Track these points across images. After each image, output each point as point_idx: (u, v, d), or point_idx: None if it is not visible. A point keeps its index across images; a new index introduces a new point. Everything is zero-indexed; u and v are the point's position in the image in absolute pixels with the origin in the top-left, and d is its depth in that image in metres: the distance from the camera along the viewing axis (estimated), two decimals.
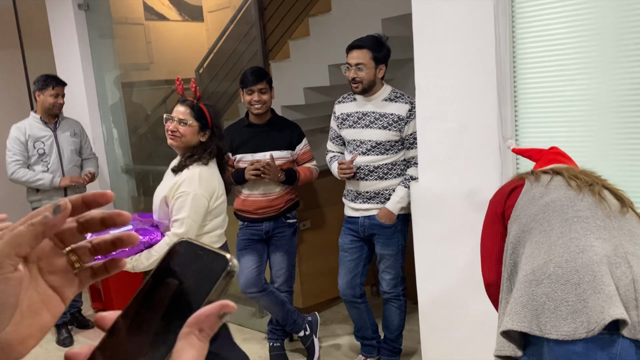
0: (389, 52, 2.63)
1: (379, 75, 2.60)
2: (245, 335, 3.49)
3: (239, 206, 2.95)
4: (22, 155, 3.45)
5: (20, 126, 3.49)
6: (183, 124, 2.18)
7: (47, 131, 3.51)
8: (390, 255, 2.74)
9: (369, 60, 2.56)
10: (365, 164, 2.65)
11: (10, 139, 3.46)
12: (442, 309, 2.53)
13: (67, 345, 3.54)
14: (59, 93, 3.48)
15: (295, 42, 4.64)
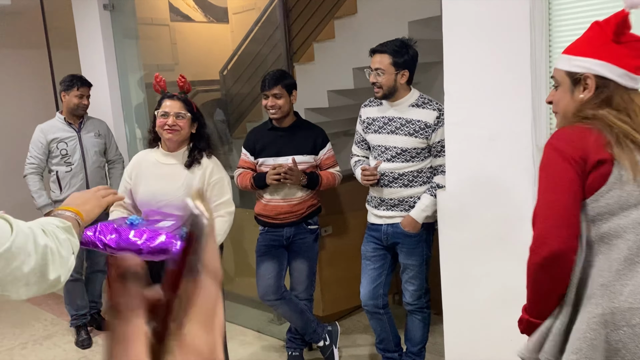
0: (415, 57, 2.53)
1: (401, 81, 2.50)
2: (263, 343, 3.43)
3: (260, 211, 2.89)
4: (38, 159, 3.45)
5: (43, 127, 3.50)
6: (180, 117, 2.30)
7: (71, 132, 3.50)
8: (414, 265, 2.64)
9: (388, 66, 2.48)
10: (390, 171, 2.57)
11: (33, 140, 3.48)
12: (467, 323, 2.43)
13: (85, 347, 3.52)
14: (83, 94, 3.48)
15: (320, 45, 4.58)
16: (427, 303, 2.73)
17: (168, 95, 2.35)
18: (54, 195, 3.51)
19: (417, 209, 2.55)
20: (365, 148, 2.74)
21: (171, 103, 2.32)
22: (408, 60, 2.50)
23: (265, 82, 2.73)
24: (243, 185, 2.84)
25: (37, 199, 3.44)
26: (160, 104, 2.35)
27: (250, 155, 2.86)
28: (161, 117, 2.31)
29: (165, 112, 2.31)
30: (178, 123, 2.30)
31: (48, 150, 3.45)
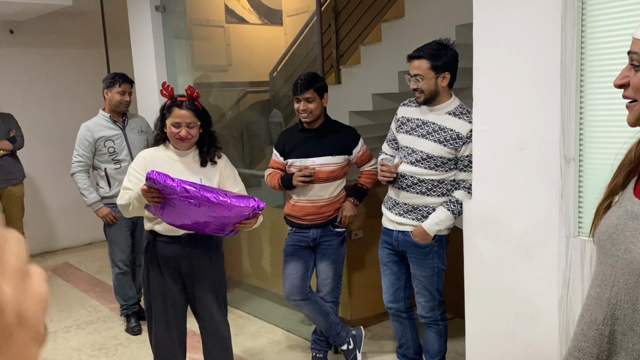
0: (454, 58, 2.47)
1: (443, 84, 2.44)
2: (291, 342, 3.45)
3: (289, 211, 2.92)
4: (85, 157, 3.53)
5: (90, 125, 3.57)
6: (192, 126, 2.37)
7: (117, 130, 3.58)
8: (424, 276, 2.59)
9: (427, 71, 2.42)
10: (411, 175, 2.52)
11: (79, 138, 3.55)
12: (489, 335, 2.35)
13: (136, 333, 3.67)
14: (125, 90, 3.55)
15: (367, 48, 4.57)
16: (441, 315, 2.66)
17: (177, 104, 2.39)
18: (102, 192, 3.59)
19: (430, 221, 2.50)
20: (394, 147, 2.70)
21: (182, 113, 2.37)
22: (447, 62, 2.44)
23: (297, 86, 2.75)
24: (272, 184, 2.88)
25: (88, 195, 3.53)
26: (170, 110, 2.39)
27: (280, 156, 2.90)
28: (173, 127, 2.37)
29: (177, 122, 2.37)
30: (190, 132, 2.38)
31: (95, 148, 3.53)
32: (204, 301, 2.51)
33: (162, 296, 2.46)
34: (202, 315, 2.54)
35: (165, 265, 2.44)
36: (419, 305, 2.65)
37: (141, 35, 4.29)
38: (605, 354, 1.15)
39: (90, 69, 5.90)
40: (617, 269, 1.11)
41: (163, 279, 2.45)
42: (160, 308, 2.47)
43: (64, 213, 5.98)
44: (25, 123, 4.81)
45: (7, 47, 5.51)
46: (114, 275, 3.73)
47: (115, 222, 3.58)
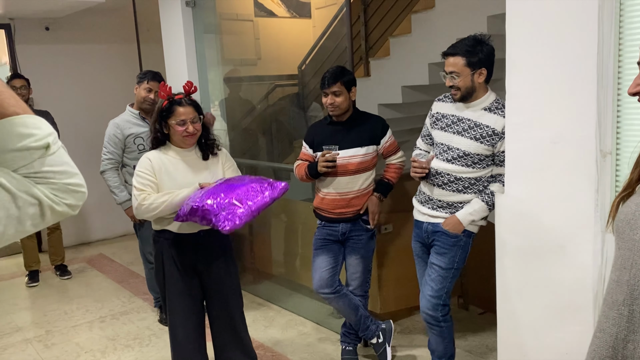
0: (490, 53, 2.41)
1: (479, 80, 2.39)
2: (320, 335, 3.47)
3: (318, 204, 2.93)
4: (115, 154, 3.54)
5: (118, 122, 3.57)
6: (196, 121, 2.42)
7: (145, 127, 3.55)
8: (439, 268, 2.51)
9: (463, 67, 2.37)
10: (447, 172, 2.49)
11: (108, 135, 3.55)
12: (522, 331, 2.32)
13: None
14: (152, 88, 3.52)
15: (396, 39, 4.53)
16: (444, 317, 2.56)
17: (178, 102, 2.40)
18: (131, 189, 3.65)
19: (464, 211, 2.46)
20: (429, 143, 2.67)
21: (185, 110, 2.40)
22: (483, 58, 2.38)
23: (325, 80, 2.74)
24: (299, 175, 2.89)
25: (118, 194, 3.55)
26: (171, 110, 2.39)
27: (309, 148, 2.91)
28: (178, 125, 2.39)
29: (183, 120, 2.39)
30: (195, 127, 2.42)
31: (124, 145, 3.54)
32: (219, 289, 2.55)
33: (180, 294, 2.49)
34: (217, 307, 2.57)
35: (181, 263, 2.47)
36: (422, 298, 2.57)
37: (172, 31, 4.34)
38: (624, 332, 1.23)
39: (123, 65, 6.00)
40: (635, 252, 1.21)
41: (180, 277, 2.48)
42: (179, 306, 2.50)
43: (98, 206, 6.11)
44: (61, 119, 4.92)
45: (43, 44, 5.65)
46: (147, 270, 3.80)
47: (144, 221, 3.63)
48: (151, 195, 2.36)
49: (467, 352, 3.12)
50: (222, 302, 2.57)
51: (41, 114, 4.66)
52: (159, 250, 2.49)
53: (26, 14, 5.33)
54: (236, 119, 5.33)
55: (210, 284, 2.55)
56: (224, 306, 2.58)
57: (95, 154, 5.99)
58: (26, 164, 0.79)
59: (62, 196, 0.84)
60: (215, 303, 2.58)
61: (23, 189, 0.79)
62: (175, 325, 2.52)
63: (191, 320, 2.53)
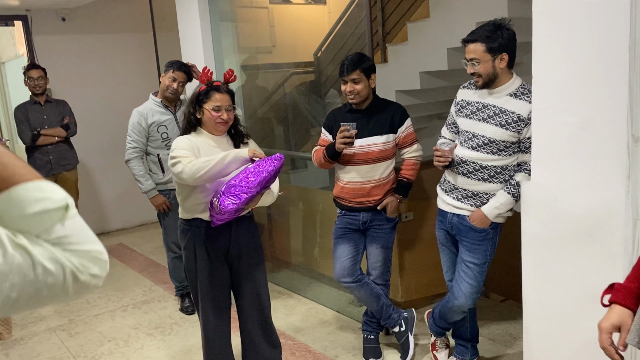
0: (511, 38, 2.35)
1: (501, 66, 2.34)
2: (341, 323, 3.47)
3: (338, 193, 2.91)
4: (140, 143, 3.53)
5: (142, 111, 3.56)
6: (230, 109, 2.43)
7: (169, 115, 3.56)
8: (474, 264, 2.51)
9: (483, 54, 2.33)
10: (472, 160, 2.44)
11: (131, 123, 3.55)
12: (548, 320, 2.29)
13: (190, 313, 3.76)
14: (177, 78, 3.51)
15: (414, 24, 4.46)
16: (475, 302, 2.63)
17: (216, 88, 2.41)
18: (156, 178, 3.60)
19: (490, 205, 2.42)
20: (454, 131, 2.62)
21: (221, 97, 2.40)
22: (503, 43, 2.33)
23: (344, 67, 2.69)
24: (317, 159, 2.84)
25: (144, 183, 3.55)
26: (208, 95, 2.40)
27: (328, 135, 2.87)
28: (214, 111, 2.39)
29: (218, 106, 2.39)
30: (229, 116, 2.43)
31: (148, 134, 3.53)
32: (249, 277, 2.55)
33: (211, 282, 2.49)
34: (248, 296, 2.57)
35: (213, 250, 2.47)
36: (459, 294, 2.55)
37: (188, 19, 4.31)
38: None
39: (139, 54, 6.00)
40: None
41: (212, 265, 2.48)
42: (209, 294, 2.49)
43: (117, 196, 6.16)
44: (77, 109, 4.95)
45: (60, 35, 5.66)
46: (169, 259, 3.81)
47: (169, 210, 3.64)
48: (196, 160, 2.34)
49: (490, 340, 3.09)
50: (253, 291, 2.57)
51: (58, 103, 4.72)
52: (191, 239, 2.48)
53: (42, 5, 5.34)
54: (253, 107, 5.31)
55: (241, 273, 2.54)
56: (255, 295, 2.58)
57: (112, 143, 6.04)
58: (46, 227, 0.75)
59: (86, 265, 0.79)
60: (247, 292, 2.57)
61: (46, 254, 0.74)
62: (207, 314, 2.52)
63: (222, 310, 2.54)
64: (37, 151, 4.59)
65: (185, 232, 2.50)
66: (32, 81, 4.55)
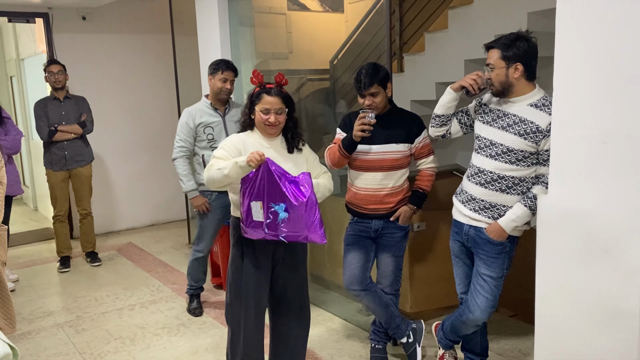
0: (530, 49, 2.34)
1: (515, 75, 2.33)
2: (349, 332, 3.44)
3: (350, 199, 2.89)
4: (187, 142, 3.54)
5: (191, 111, 3.58)
6: (280, 112, 2.42)
7: (217, 117, 3.56)
8: (492, 277, 2.48)
9: (498, 60, 2.34)
10: (490, 170, 2.42)
11: (180, 123, 3.58)
12: (561, 338, 2.25)
13: (197, 315, 3.75)
14: (227, 78, 3.51)
15: (432, 35, 4.46)
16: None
17: (267, 90, 2.42)
18: (199, 178, 3.58)
19: (507, 217, 2.40)
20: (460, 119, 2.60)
21: (272, 100, 2.40)
22: (519, 54, 2.33)
23: (361, 82, 2.67)
24: (332, 155, 2.80)
25: (186, 183, 3.55)
26: (260, 97, 2.42)
27: (344, 134, 2.84)
28: (262, 113, 2.40)
29: (267, 108, 2.40)
30: (278, 119, 2.41)
31: (195, 134, 3.55)
32: (296, 282, 2.54)
33: (256, 282, 2.48)
34: (292, 296, 2.56)
35: (261, 253, 2.45)
36: (475, 308, 2.52)
37: (207, 22, 4.34)
38: None
39: (157, 55, 6.05)
40: None
41: (258, 263, 2.47)
42: (253, 294, 2.48)
43: (128, 195, 6.19)
44: (94, 107, 4.98)
45: (80, 33, 5.72)
46: (193, 257, 3.78)
47: (208, 212, 3.64)
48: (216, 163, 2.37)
49: (499, 355, 3.05)
50: (297, 290, 2.57)
51: (77, 99, 4.76)
52: (241, 237, 2.46)
53: (64, 3, 5.40)
54: None
55: (286, 273, 2.53)
56: (299, 295, 2.58)
57: (127, 143, 6.08)
58: None
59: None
60: (292, 293, 2.56)
61: None
62: (248, 313, 2.49)
63: (262, 310, 2.54)
64: (54, 146, 4.64)
65: (236, 229, 2.50)
66: (52, 76, 4.60)
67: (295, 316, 2.60)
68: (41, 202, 7.09)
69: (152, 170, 6.29)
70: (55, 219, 4.84)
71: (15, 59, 7.07)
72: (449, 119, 2.61)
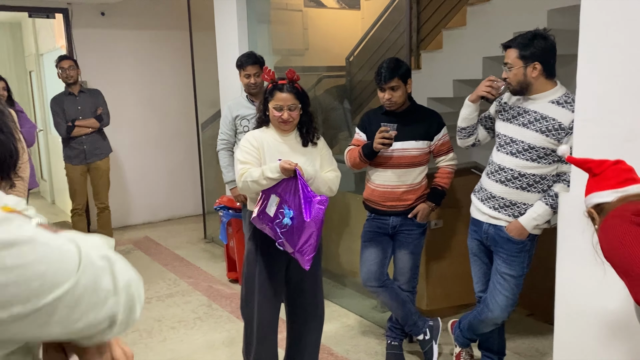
0: (548, 48, 2.31)
1: (533, 75, 2.31)
2: (364, 328, 3.45)
3: (368, 196, 2.89)
4: (227, 135, 3.67)
5: (230, 104, 3.72)
6: (293, 108, 2.42)
7: (253, 109, 3.60)
8: (511, 276, 2.46)
9: (515, 60, 2.32)
10: (511, 168, 2.40)
11: (222, 116, 3.74)
12: (581, 338, 2.24)
13: None
14: (250, 73, 3.58)
15: (450, 32, 4.44)
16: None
17: (279, 87, 2.44)
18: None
19: (528, 216, 2.38)
20: (484, 124, 2.61)
21: (284, 96, 2.42)
22: (537, 53, 2.30)
23: (381, 76, 2.67)
24: (352, 158, 2.83)
25: (226, 174, 3.70)
26: (272, 94, 2.44)
27: (362, 134, 2.86)
28: (275, 110, 2.42)
29: (279, 105, 2.42)
30: (291, 115, 2.43)
31: (234, 126, 3.65)
32: (307, 278, 2.55)
33: (270, 276, 2.50)
34: (304, 291, 2.58)
35: (276, 247, 2.44)
36: (493, 304, 2.51)
37: (225, 19, 4.36)
38: None
39: (174, 51, 6.08)
40: None
41: (272, 258, 2.49)
42: (268, 287, 2.50)
43: (145, 189, 6.24)
44: (112, 101, 5.03)
45: (98, 28, 5.77)
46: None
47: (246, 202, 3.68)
48: (251, 169, 2.40)
49: (517, 354, 3.04)
50: (312, 286, 2.58)
51: (92, 93, 4.81)
52: (256, 230, 2.48)
53: None
54: None
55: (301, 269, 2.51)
56: (314, 291, 2.59)
57: (144, 138, 6.13)
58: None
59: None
60: (307, 289, 2.58)
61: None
62: (262, 306, 2.51)
63: (277, 305, 2.55)
64: (72, 141, 4.69)
65: (251, 223, 2.51)
66: (64, 72, 4.66)
67: (310, 312, 2.61)
68: (59, 195, 7.17)
69: (169, 165, 6.33)
70: (73, 212, 4.90)
71: (35, 54, 7.15)
72: (475, 128, 2.60)
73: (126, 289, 0.77)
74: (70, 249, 0.71)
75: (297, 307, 2.61)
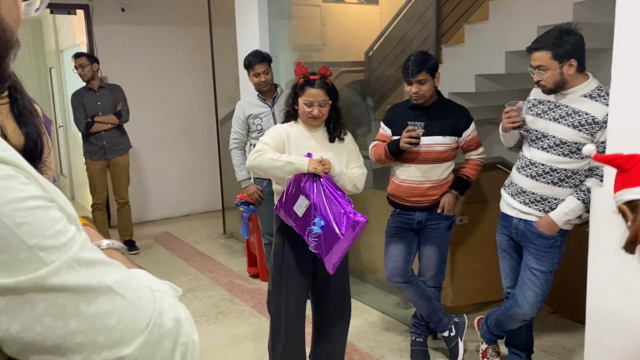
0: (578, 42, 2.25)
1: (569, 72, 2.25)
2: (387, 325, 3.43)
3: (392, 191, 2.87)
4: (240, 134, 3.67)
5: (242, 104, 3.72)
6: (323, 104, 2.42)
7: (265, 107, 3.64)
8: (542, 272, 2.43)
9: (550, 61, 2.25)
10: (542, 162, 2.36)
11: (234, 116, 3.74)
12: (613, 334, 2.20)
13: None
14: (258, 72, 3.58)
15: (472, 26, 4.39)
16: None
17: (310, 82, 2.43)
18: None
19: (559, 210, 2.34)
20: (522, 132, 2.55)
21: (315, 92, 2.41)
22: (570, 49, 2.24)
23: (409, 68, 2.64)
24: (377, 154, 2.81)
25: (239, 172, 3.70)
26: (303, 89, 2.43)
27: (387, 129, 2.84)
28: (305, 105, 2.42)
29: (310, 101, 2.41)
30: (321, 111, 2.42)
31: (247, 125, 3.66)
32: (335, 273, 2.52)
33: (298, 269, 2.50)
34: (330, 287, 2.58)
35: (303, 242, 2.44)
36: (524, 302, 2.48)
37: (246, 14, 4.35)
38: None
39: (194, 47, 6.09)
40: None
41: (299, 254, 2.49)
42: (295, 281, 2.51)
43: (164, 184, 6.27)
44: (132, 97, 5.05)
45: (119, 24, 5.80)
46: (264, 245, 3.90)
47: (262, 200, 3.68)
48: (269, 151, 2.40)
49: (543, 352, 3.00)
50: (339, 282, 2.58)
51: (112, 88, 4.83)
52: (283, 224, 2.48)
53: None
54: None
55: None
56: (340, 287, 2.59)
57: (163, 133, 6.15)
58: None
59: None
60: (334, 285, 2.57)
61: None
62: (290, 300, 2.51)
63: (303, 297, 2.55)
64: (92, 137, 4.73)
65: (278, 218, 2.51)
66: (78, 69, 4.68)
67: (337, 308, 2.60)
68: (78, 191, 7.23)
69: (188, 161, 6.36)
70: (93, 207, 4.94)
71: (55, 50, 7.20)
72: (520, 141, 2.56)
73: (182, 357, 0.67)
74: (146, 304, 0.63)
75: (323, 301, 2.60)
